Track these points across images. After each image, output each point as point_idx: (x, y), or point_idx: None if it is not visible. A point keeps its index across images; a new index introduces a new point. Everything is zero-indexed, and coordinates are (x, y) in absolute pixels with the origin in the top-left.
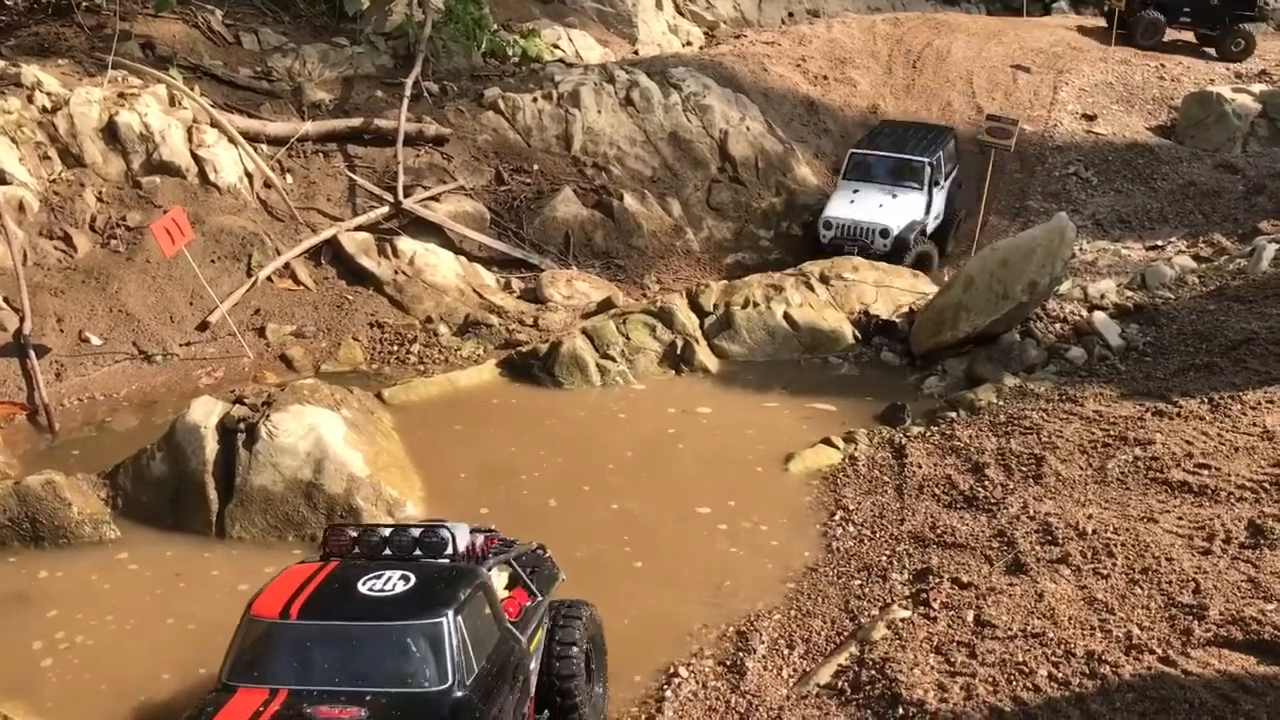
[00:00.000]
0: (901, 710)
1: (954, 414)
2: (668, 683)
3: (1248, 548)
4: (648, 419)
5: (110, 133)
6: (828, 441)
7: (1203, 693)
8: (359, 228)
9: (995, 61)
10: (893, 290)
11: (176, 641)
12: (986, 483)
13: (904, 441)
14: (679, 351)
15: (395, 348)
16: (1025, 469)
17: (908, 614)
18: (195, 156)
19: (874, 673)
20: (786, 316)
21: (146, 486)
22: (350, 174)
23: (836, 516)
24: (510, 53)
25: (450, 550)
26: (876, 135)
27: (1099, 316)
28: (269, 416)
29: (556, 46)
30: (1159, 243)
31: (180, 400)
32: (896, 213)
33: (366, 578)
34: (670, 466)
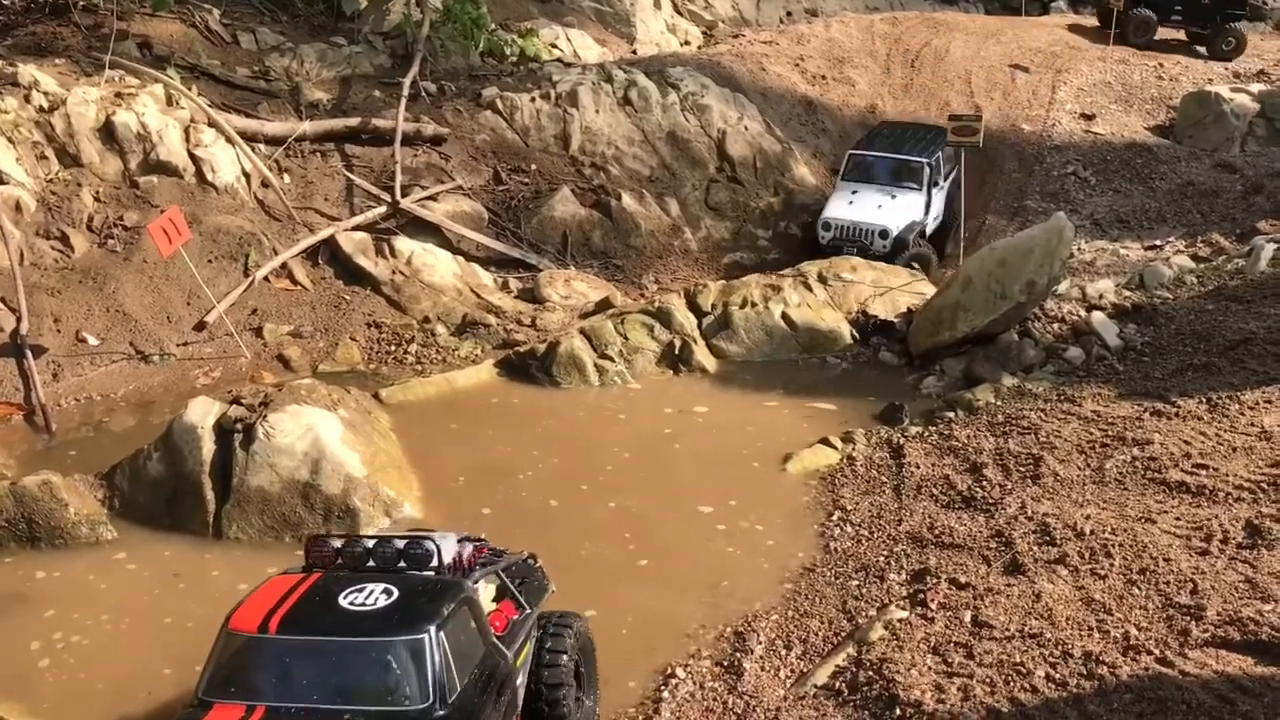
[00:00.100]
0: (899, 711)
1: (952, 414)
2: (665, 683)
3: (1245, 548)
4: (646, 419)
5: (107, 132)
6: (826, 441)
7: (1200, 693)
8: (356, 227)
9: (993, 61)
10: (891, 290)
11: (174, 641)
12: (984, 483)
13: (902, 441)
14: (677, 351)
15: (393, 348)
16: (1023, 469)
17: (905, 614)
18: (193, 156)
19: (871, 673)
20: (784, 316)
21: (143, 487)
22: (348, 174)
23: (834, 517)
24: (508, 52)
25: (435, 562)
26: (875, 136)
27: (1097, 316)
28: (266, 417)
29: (554, 46)
30: (1157, 242)
31: (177, 400)
32: (896, 214)
33: (348, 591)
34: (668, 467)
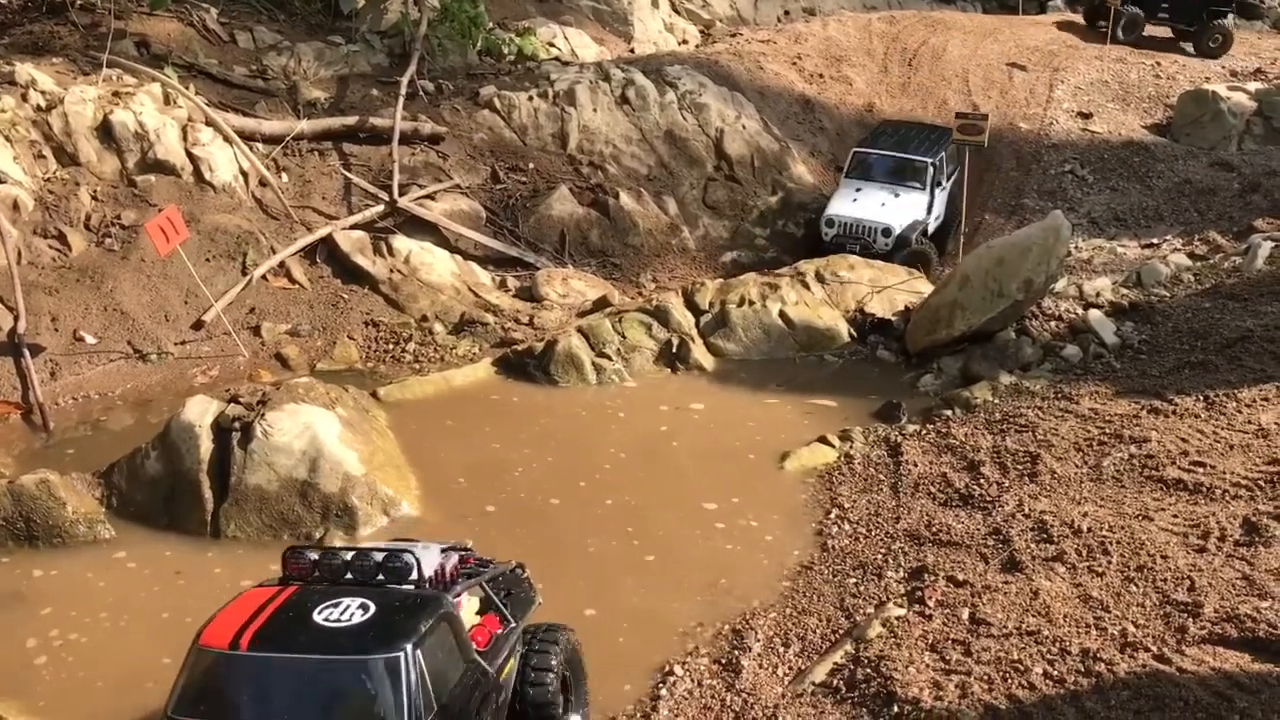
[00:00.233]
0: (897, 708)
1: (949, 412)
2: (663, 681)
3: (1242, 545)
4: (643, 417)
5: (105, 131)
6: (823, 439)
7: (1197, 690)
8: (354, 226)
9: (991, 60)
10: (888, 289)
11: (171, 638)
12: (982, 480)
13: (899, 439)
14: (675, 350)
15: (390, 346)
16: (1021, 467)
17: (903, 612)
18: (190, 155)
19: (869, 671)
20: (782, 315)
21: (141, 486)
22: (345, 172)
23: (832, 514)
24: (506, 51)
25: (415, 575)
26: (879, 134)
27: (1094, 314)
28: (264, 415)
29: (552, 45)
30: (1154, 241)
31: (175, 399)
32: (899, 212)
33: (323, 605)
34: (666, 465)
